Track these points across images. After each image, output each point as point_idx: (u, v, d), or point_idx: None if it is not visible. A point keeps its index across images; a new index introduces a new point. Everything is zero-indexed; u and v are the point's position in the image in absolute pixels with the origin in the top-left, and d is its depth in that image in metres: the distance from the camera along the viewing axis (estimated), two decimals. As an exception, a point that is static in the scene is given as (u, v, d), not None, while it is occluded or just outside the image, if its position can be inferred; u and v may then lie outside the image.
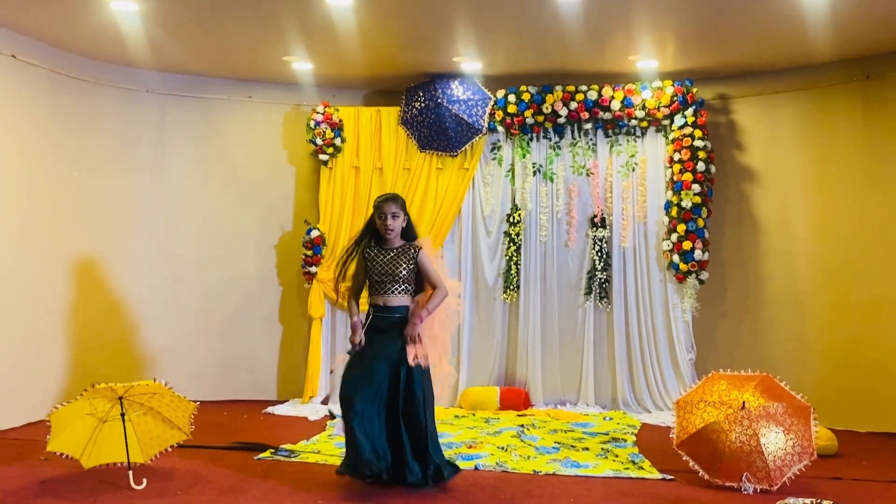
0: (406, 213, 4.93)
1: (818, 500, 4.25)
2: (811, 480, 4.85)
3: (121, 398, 4.69)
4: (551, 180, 7.62)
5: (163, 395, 4.82)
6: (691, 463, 4.83)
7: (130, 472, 4.65)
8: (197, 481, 4.81)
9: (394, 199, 4.92)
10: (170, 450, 5.01)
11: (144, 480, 4.68)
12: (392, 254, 4.84)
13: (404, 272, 4.82)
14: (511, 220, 7.66)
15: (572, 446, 5.82)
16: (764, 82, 7.36)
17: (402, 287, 4.84)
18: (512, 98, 7.50)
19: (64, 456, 4.70)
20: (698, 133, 7.17)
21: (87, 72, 7.11)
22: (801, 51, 6.68)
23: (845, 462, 5.49)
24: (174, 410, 4.91)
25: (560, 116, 7.46)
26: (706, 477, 4.76)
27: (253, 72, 7.64)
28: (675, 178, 7.23)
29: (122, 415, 4.70)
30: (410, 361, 4.69)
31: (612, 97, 7.37)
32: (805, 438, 4.71)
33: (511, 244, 7.64)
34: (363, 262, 4.89)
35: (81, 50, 6.92)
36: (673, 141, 7.31)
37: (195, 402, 5.00)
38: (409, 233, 4.96)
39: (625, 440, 6.05)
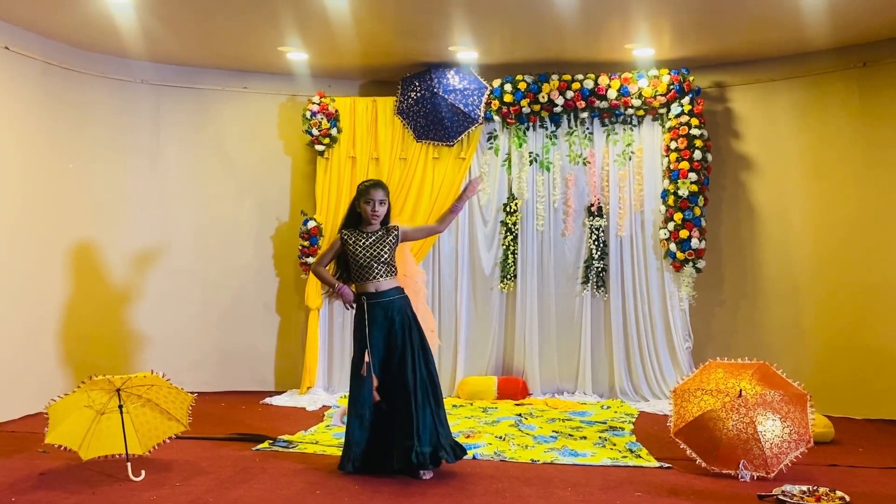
0: (388, 202, 5.00)
1: (815, 487, 4.28)
2: (808, 467, 4.87)
3: (118, 390, 4.69)
4: (548, 169, 7.61)
5: (160, 387, 4.83)
6: (689, 451, 4.84)
7: (129, 464, 4.66)
8: (195, 472, 4.81)
9: (381, 185, 4.98)
10: (168, 441, 5.02)
11: (143, 472, 4.69)
12: (373, 237, 4.89)
13: (387, 254, 4.87)
14: (508, 209, 7.66)
15: (570, 435, 5.84)
16: (761, 70, 7.34)
17: (389, 269, 4.89)
18: (508, 87, 7.49)
19: (62, 448, 4.71)
20: (695, 121, 7.16)
21: (80, 63, 7.07)
22: (797, 38, 6.66)
23: (842, 449, 5.52)
24: (172, 402, 4.92)
25: (556, 105, 7.45)
26: (703, 465, 4.78)
27: (248, 62, 7.60)
28: (672, 167, 7.22)
29: (120, 406, 4.70)
30: (433, 346, 4.94)
31: (609, 86, 7.35)
32: (802, 426, 4.72)
33: (508, 233, 7.64)
34: (341, 245, 4.92)
35: (75, 41, 6.89)
36: (669, 129, 7.30)
37: (193, 393, 5.02)
38: (386, 219, 5.02)
39: (622, 429, 6.07)
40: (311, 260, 7.50)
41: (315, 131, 7.54)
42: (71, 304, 7.00)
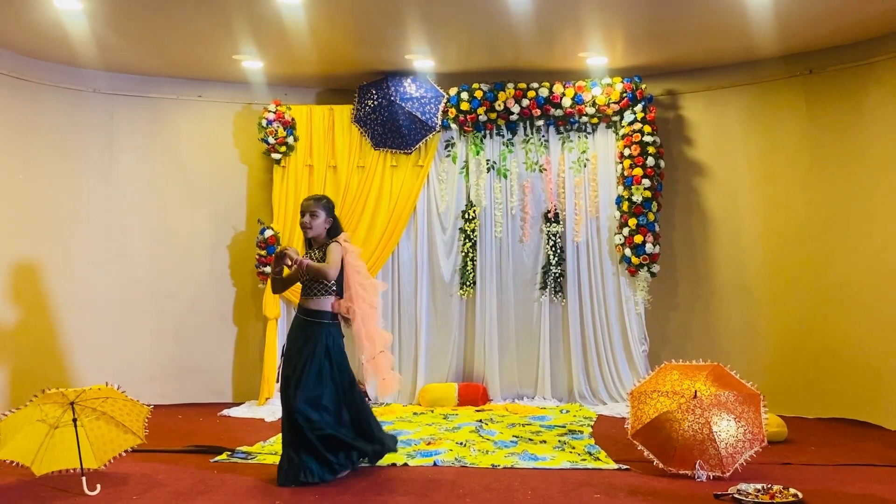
0: (331, 216, 5.01)
1: (769, 486, 4.36)
2: (762, 466, 4.96)
3: (72, 403, 4.61)
4: (505, 177, 7.67)
5: (115, 400, 4.75)
6: (646, 452, 4.90)
7: (84, 478, 4.57)
8: (152, 485, 4.74)
9: (316, 198, 5.04)
10: (124, 454, 4.94)
11: (98, 486, 4.60)
12: (315, 255, 4.97)
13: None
14: (466, 216, 7.70)
15: (530, 439, 5.87)
16: (711, 78, 7.49)
17: (316, 288, 4.91)
18: (465, 95, 7.54)
19: (14, 464, 4.61)
20: (647, 128, 7.28)
21: (30, 72, 6.95)
22: (745, 47, 6.82)
23: (795, 448, 5.64)
24: (127, 415, 4.85)
25: (512, 113, 7.52)
26: (661, 466, 4.84)
27: (202, 71, 7.53)
28: (626, 174, 7.33)
29: (74, 420, 4.61)
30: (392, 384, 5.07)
31: (563, 94, 7.44)
32: (756, 425, 4.81)
33: (466, 240, 7.67)
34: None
35: (24, 49, 6.76)
36: (623, 137, 7.42)
37: (149, 405, 4.95)
38: (334, 231, 5.04)
39: (581, 432, 6.12)
40: (267, 269, 7.46)
41: (271, 139, 7.50)
42: (24, 316, 6.85)
